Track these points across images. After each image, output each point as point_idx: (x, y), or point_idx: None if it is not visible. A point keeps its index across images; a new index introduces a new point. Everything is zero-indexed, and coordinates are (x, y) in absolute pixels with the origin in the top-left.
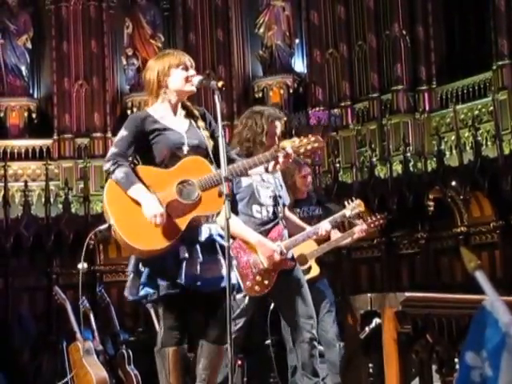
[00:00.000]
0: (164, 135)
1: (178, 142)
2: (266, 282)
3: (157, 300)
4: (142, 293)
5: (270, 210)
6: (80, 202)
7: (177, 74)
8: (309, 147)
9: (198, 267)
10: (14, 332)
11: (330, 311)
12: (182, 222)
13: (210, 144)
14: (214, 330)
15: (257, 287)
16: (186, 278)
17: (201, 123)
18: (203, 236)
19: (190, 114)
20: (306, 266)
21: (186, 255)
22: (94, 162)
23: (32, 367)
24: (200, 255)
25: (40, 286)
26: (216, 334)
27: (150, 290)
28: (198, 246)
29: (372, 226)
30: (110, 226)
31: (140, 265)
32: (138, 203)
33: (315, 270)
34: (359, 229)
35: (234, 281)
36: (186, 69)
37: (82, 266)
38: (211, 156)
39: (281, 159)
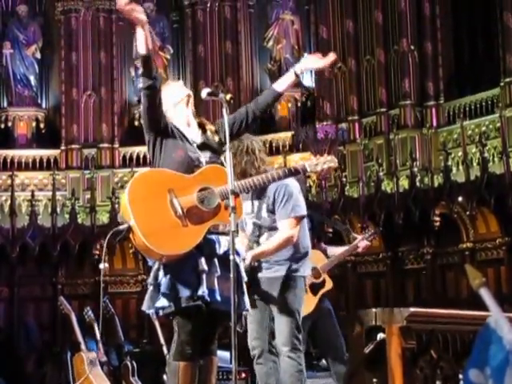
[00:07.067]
0: (182, 141)
1: (194, 151)
2: None
3: (173, 313)
4: (157, 304)
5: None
6: (86, 213)
7: (179, 111)
8: (325, 166)
9: (216, 281)
10: (19, 341)
11: (336, 323)
12: (201, 229)
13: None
14: (204, 342)
15: None
16: (206, 291)
17: (217, 138)
18: (222, 249)
19: (205, 131)
20: (319, 280)
21: (206, 268)
22: (100, 173)
23: (36, 377)
24: (218, 269)
25: (45, 295)
26: (205, 345)
27: (166, 303)
28: (215, 260)
29: (371, 240)
30: (129, 228)
31: (159, 277)
32: (161, 205)
33: (329, 283)
34: (364, 244)
35: (246, 306)
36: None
37: (104, 265)
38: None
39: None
